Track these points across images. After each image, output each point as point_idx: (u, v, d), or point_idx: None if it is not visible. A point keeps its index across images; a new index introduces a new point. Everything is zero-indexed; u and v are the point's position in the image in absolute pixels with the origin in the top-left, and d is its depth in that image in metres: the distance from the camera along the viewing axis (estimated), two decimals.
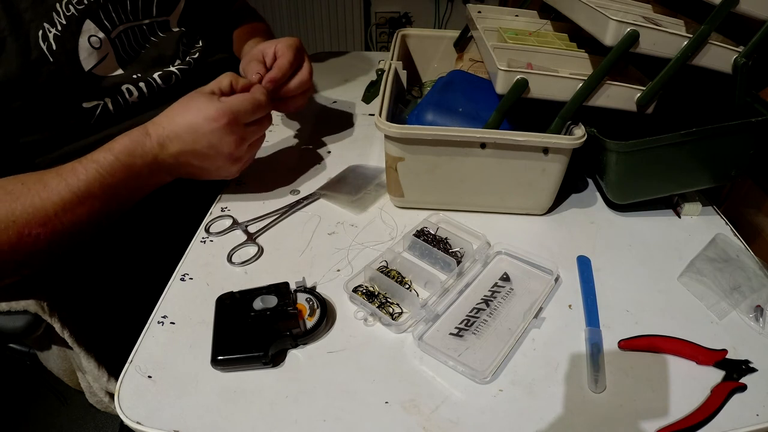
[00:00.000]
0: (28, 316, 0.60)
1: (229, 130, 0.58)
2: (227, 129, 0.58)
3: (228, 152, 0.59)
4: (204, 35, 0.80)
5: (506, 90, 0.59)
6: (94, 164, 0.55)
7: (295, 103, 0.73)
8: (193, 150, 0.58)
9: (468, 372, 0.47)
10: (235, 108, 0.58)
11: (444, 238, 0.62)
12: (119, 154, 0.56)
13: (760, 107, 0.61)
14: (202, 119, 0.57)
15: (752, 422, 0.44)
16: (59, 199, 0.53)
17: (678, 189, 0.67)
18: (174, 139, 0.57)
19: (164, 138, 0.57)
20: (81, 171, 0.55)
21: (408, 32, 0.92)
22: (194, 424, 0.43)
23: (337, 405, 0.45)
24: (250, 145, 0.63)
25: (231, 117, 0.58)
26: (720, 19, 0.57)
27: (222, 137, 0.58)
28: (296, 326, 0.49)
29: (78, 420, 1.29)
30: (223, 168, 0.61)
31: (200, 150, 0.58)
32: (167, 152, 0.57)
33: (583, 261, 0.60)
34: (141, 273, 0.68)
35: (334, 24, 2.44)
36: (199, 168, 0.60)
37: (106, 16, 0.65)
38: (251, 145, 0.63)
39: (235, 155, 0.60)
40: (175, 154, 0.58)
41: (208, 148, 0.58)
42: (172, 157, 0.58)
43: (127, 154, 0.56)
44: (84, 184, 0.54)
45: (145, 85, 0.69)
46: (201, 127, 0.57)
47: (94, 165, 0.55)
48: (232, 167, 0.62)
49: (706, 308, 0.55)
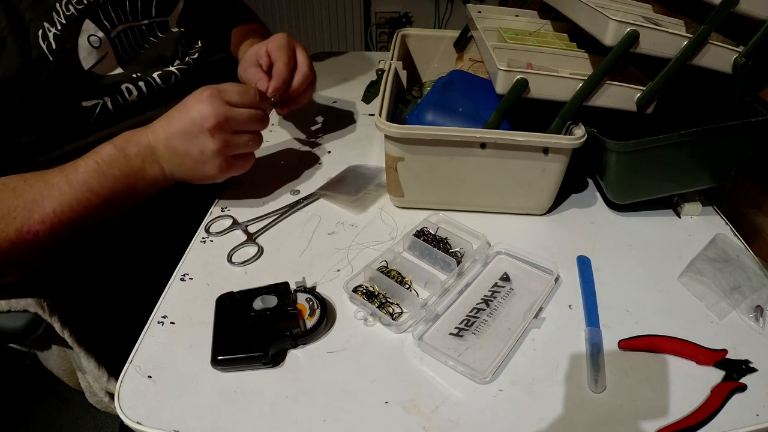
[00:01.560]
0: (28, 315, 0.60)
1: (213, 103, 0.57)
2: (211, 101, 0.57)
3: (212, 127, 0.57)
4: (203, 36, 0.80)
5: (506, 90, 0.59)
6: (94, 156, 0.56)
7: (304, 98, 0.73)
8: (182, 129, 0.57)
9: (468, 372, 0.47)
10: (221, 87, 0.59)
11: (444, 238, 0.62)
12: (116, 141, 0.57)
13: (760, 107, 0.61)
14: (191, 98, 0.58)
15: (752, 422, 0.44)
16: (59, 194, 0.54)
17: (678, 189, 0.67)
18: (163, 121, 0.58)
19: (157, 123, 0.59)
20: (81, 165, 0.55)
21: (408, 32, 0.92)
22: (194, 424, 0.43)
23: (337, 405, 0.45)
24: (238, 156, 0.61)
25: (215, 91, 0.58)
26: (720, 19, 0.57)
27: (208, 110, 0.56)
28: (296, 326, 0.49)
29: (78, 420, 1.29)
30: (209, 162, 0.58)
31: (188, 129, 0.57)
32: (157, 137, 0.58)
33: (583, 261, 0.60)
34: (141, 273, 0.68)
35: (334, 24, 2.44)
36: (184, 155, 0.58)
37: (105, 16, 0.65)
38: (239, 156, 0.61)
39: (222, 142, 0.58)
40: (164, 139, 0.58)
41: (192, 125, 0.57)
42: (162, 143, 0.58)
43: (124, 140, 0.57)
44: (83, 176, 0.55)
45: (145, 85, 0.70)
46: (188, 102, 0.58)
47: (93, 157, 0.56)
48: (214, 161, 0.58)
49: (706, 308, 0.55)
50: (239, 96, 0.59)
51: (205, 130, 0.57)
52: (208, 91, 0.58)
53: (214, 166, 0.59)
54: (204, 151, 0.58)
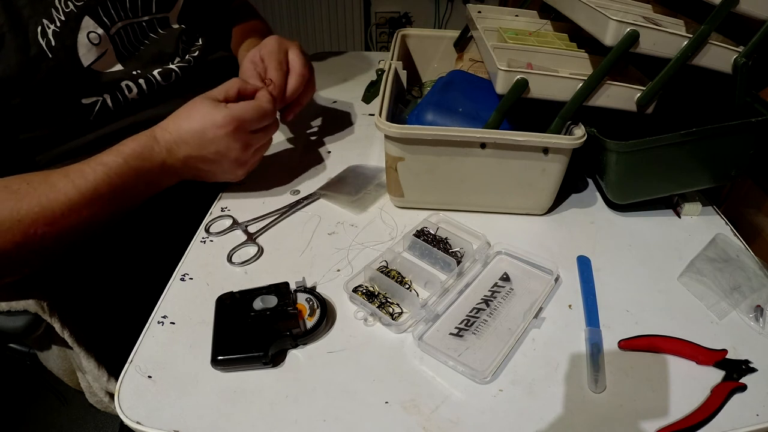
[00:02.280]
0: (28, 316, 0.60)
1: (235, 137, 0.59)
2: (233, 136, 0.59)
3: (234, 157, 0.61)
4: (204, 33, 0.80)
5: (506, 90, 0.59)
6: (102, 167, 0.55)
7: (305, 98, 0.73)
8: (200, 155, 0.59)
9: (468, 372, 0.47)
10: (240, 115, 0.59)
11: (444, 238, 0.62)
12: (128, 158, 0.57)
13: (760, 107, 0.61)
14: (209, 125, 0.58)
15: (752, 422, 0.44)
16: (66, 199, 0.54)
17: (678, 189, 0.67)
18: (181, 145, 0.59)
19: (172, 143, 0.59)
20: (89, 172, 0.55)
21: (408, 32, 0.92)
22: (194, 424, 0.43)
23: (337, 405, 0.45)
24: (256, 150, 0.64)
25: (237, 124, 0.59)
26: (720, 19, 0.57)
27: (228, 144, 0.59)
28: (296, 326, 0.49)
29: (78, 420, 1.29)
30: (230, 172, 0.63)
31: (207, 156, 0.60)
32: (175, 157, 0.59)
33: (583, 261, 0.60)
34: (141, 273, 0.68)
35: (334, 24, 2.44)
36: (206, 171, 0.62)
37: (105, 12, 0.65)
38: (257, 150, 0.64)
39: (241, 160, 0.62)
40: (183, 159, 0.59)
41: (214, 154, 0.59)
42: (180, 162, 0.59)
43: (136, 158, 0.57)
44: (92, 185, 0.55)
45: (145, 82, 0.69)
46: (207, 132, 0.58)
47: (102, 167, 0.55)
48: (237, 170, 0.64)
49: (706, 308, 0.55)
50: (259, 122, 0.62)
51: (231, 161, 0.61)
52: (233, 123, 0.58)
53: (235, 177, 0.65)
54: (227, 171, 0.63)
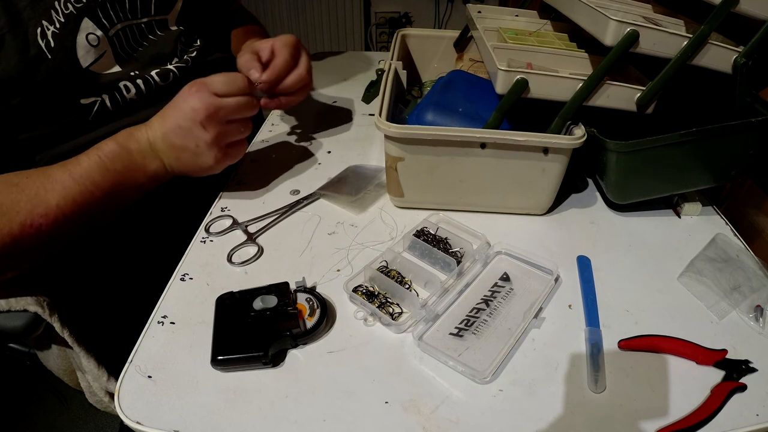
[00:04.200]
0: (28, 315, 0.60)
1: (200, 96, 0.58)
2: (197, 96, 0.59)
3: (201, 118, 0.58)
4: (202, 34, 0.80)
5: (506, 90, 0.59)
6: (96, 151, 0.57)
7: (294, 99, 0.73)
8: (174, 126, 0.59)
9: (468, 372, 0.47)
10: (208, 79, 0.60)
11: (444, 238, 0.62)
12: (118, 138, 0.59)
13: (760, 107, 0.61)
14: (180, 94, 0.59)
15: (752, 422, 0.44)
16: (61, 187, 0.54)
17: (678, 189, 0.67)
18: (159, 119, 0.60)
19: (153, 120, 0.60)
20: (84, 160, 0.57)
21: (408, 32, 0.92)
22: (194, 424, 0.43)
23: (337, 405, 0.45)
24: (232, 144, 0.63)
25: (201, 85, 0.59)
26: (720, 19, 0.57)
27: (194, 104, 0.58)
28: (296, 326, 0.49)
29: (78, 420, 1.29)
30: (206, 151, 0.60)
31: (181, 124, 0.59)
32: (155, 132, 0.60)
33: (583, 261, 0.60)
34: (141, 273, 0.68)
35: (334, 24, 2.44)
36: (181, 149, 0.60)
37: (104, 14, 0.65)
38: (233, 144, 0.63)
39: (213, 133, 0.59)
40: (161, 135, 0.59)
41: (184, 120, 0.58)
42: (159, 139, 0.60)
43: (125, 137, 0.59)
44: (86, 170, 0.56)
45: (143, 83, 0.70)
46: (177, 100, 0.59)
47: (95, 152, 0.57)
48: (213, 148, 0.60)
49: (706, 308, 0.55)
50: (226, 86, 0.60)
51: (197, 123, 0.58)
52: (196, 85, 0.59)
53: (210, 157, 0.61)
54: (199, 144, 0.59)
